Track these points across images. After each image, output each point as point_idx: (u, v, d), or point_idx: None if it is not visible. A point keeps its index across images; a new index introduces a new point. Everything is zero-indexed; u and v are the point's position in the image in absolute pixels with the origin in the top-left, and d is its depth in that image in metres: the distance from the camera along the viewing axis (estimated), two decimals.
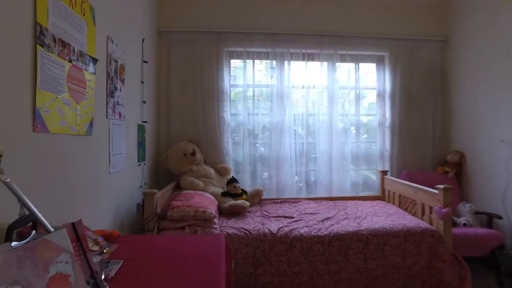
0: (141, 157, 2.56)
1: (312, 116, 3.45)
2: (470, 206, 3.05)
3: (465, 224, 2.84)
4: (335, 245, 2.24)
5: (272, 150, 3.33)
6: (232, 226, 2.38)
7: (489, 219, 2.94)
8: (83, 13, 1.57)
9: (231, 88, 3.37)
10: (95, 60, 1.70)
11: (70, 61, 1.45)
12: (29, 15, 1.19)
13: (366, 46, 3.44)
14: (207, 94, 3.19)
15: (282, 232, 2.26)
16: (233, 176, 3.06)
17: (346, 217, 2.62)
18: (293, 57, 3.35)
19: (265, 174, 3.41)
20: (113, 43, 1.96)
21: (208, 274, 1.11)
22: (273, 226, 2.37)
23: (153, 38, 2.99)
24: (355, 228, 2.34)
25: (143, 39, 2.63)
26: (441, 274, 2.24)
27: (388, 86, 3.52)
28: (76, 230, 0.80)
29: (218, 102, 3.22)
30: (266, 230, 2.28)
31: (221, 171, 3.16)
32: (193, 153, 2.97)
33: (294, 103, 3.39)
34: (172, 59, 3.19)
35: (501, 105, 2.98)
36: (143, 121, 2.61)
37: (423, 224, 2.42)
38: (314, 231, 2.30)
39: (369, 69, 3.60)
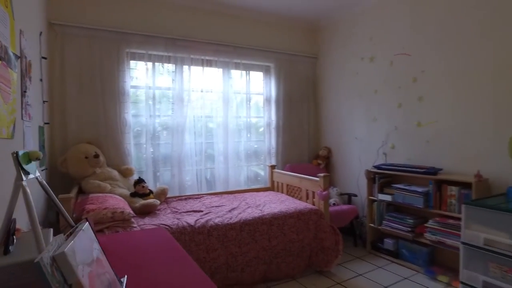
0: (42, 162, 2.37)
1: (210, 118, 3.75)
2: (337, 189, 3.89)
3: (334, 204, 3.63)
4: (245, 229, 2.61)
5: (173, 150, 3.48)
6: (150, 223, 2.48)
7: (349, 198, 3.83)
8: (6, 5, 1.48)
9: (133, 90, 3.36)
10: (17, 57, 1.59)
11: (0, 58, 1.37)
12: None
13: (256, 57, 3.94)
14: (108, 95, 3.12)
15: (199, 224, 2.50)
16: (140, 177, 3.10)
17: (249, 206, 3.03)
18: (193, 62, 3.57)
19: (167, 173, 3.53)
20: (24, 37, 1.83)
21: (175, 257, 1.30)
22: (189, 219, 2.58)
23: (44, 31, 2.75)
24: (260, 214, 2.77)
25: (41, 33, 2.43)
26: (324, 242, 2.89)
27: (273, 92, 4.11)
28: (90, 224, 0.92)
29: (119, 104, 3.18)
30: (185, 224, 2.48)
31: (125, 173, 3.14)
32: (96, 156, 2.88)
33: (194, 106, 3.61)
34: (67, 55, 2.97)
35: (355, 110, 3.91)
36: (45, 123, 2.42)
37: (309, 206, 3.03)
38: (227, 220, 2.62)
39: (258, 77, 4.12)
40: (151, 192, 3.08)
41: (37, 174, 0.86)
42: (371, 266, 3.11)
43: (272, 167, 3.97)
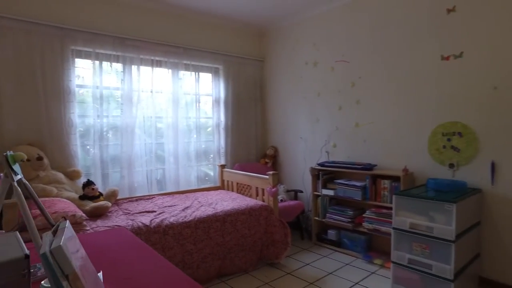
0: None
1: (160, 119, 3.74)
2: (284, 186, 4.12)
3: (281, 200, 3.85)
4: (200, 227, 2.69)
5: (123, 151, 3.42)
6: (103, 225, 2.45)
7: (295, 194, 4.09)
8: None
9: (79, 89, 3.23)
10: None
11: None
12: None
13: (206, 59, 4.01)
14: (52, 94, 2.97)
15: (154, 223, 2.53)
16: (88, 179, 3.00)
17: (202, 205, 3.11)
18: (143, 62, 3.53)
19: (116, 175, 3.45)
20: None
21: (145, 253, 1.36)
22: (144, 220, 2.59)
23: None
24: (213, 212, 2.86)
25: None
26: (274, 236, 3.07)
27: (222, 94, 4.22)
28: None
29: (64, 103, 3.04)
30: (140, 224, 2.48)
31: (72, 175, 3.02)
32: (40, 158, 2.75)
33: (144, 106, 3.58)
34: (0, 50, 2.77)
35: (300, 111, 4.18)
36: None
37: (260, 202, 3.20)
38: (181, 218, 2.68)
39: (207, 78, 4.19)
40: (100, 194, 3.01)
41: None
42: (316, 256, 3.37)
43: (222, 166, 4.08)
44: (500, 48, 2.56)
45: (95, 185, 2.97)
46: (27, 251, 0.87)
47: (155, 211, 2.88)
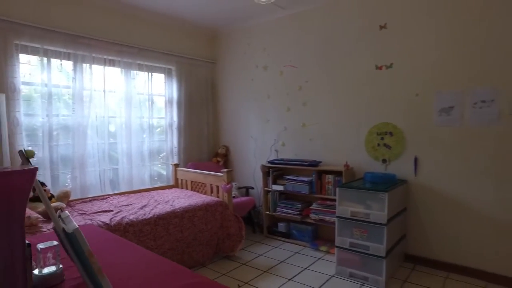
0: None
1: (113, 118, 3.71)
2: (235, 184, 4.32)
3: (234, 197, 4.04)
4: (160, 223, 2.78)
5: (75, 151, 3.34)
6: None
7: (247, 190, 4.31)
8: None
9: (26, 87, 3.09)
10: None
11: None
12: None
13: (159, 59, 4.05)
14: None
15: (115, 222, 2.56)
16: (39, 180, 2.90)
17: (159, 203, 3.18)
18: (95, 61, 3.48)
19: (67, 175, 3.36)
20: None
21: (122, 244, 1.46)
22: (103, 218, 2.60)
23: None
24: (171, 209, 2.96)
25: None
26: (229, 229, 3.26)
27: (175, 94, 4.29)
28: None
29: (8, 101, 2.91)
30: (100, 222, 2.50)
31: None
32: None
33: (96, 106, 3.52)
34: None
35: (251, 112, 4.41)
36: None
37: (215, 199, 3.36)
38: (141, 216, 2.74)
39: (160, 79, 4.23)
40: (52, 196, 2.93)
41: None
42: (268, 247, 3.62)
43: (176, 165, 4.15)
44: (420, 61, 3.04)
45: (46, 186, 2.88)
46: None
47: (112, 210, 2.89)
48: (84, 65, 3.38)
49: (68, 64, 3.32)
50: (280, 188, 3.81)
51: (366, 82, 3.38)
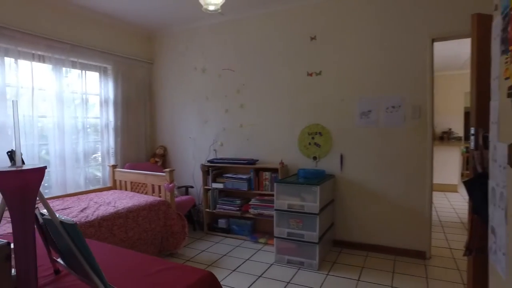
0: None
1: (44, 118, 3.49)
2: (175, 184, 4.37)
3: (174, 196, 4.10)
4: (104, 225, 2.75)
5: None
6: None
7: (186, 190, 4.39)
8: None
9: None
10: None
11: None
12: None
13: (94, 57, 3.91)
14: None
15: None
16: None
17: (100, 205, 3.12)
18: (21, 55, 3.25)
19: None
20: None
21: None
22: None
23: None
24: (115, 210, 2.94)
25: None
26: (172, 227, 3.33)
27: (111, 93, 4.18)
28: None
29: None
30: None
31: None
32: None
33: (24, 104, 3.29)
34: None
35: (189, 113, 4.50)
36: None
37: (158, 198, 3.40)
38: (83, 218, 2.68)
39: (95, 77, 4.08)
40: None
41: None
42: (210, 243, 3.78)
43: (114, 166, 4.05)
44: (345, 70, 3.49)
45: None
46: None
47: None
48: (7, 59, 3.14)
49: None
50: (220, 186, 3.98)
51: (299, 87, 3.74)
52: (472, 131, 2.32)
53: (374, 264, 3.13)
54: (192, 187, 4.42)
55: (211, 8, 2.39)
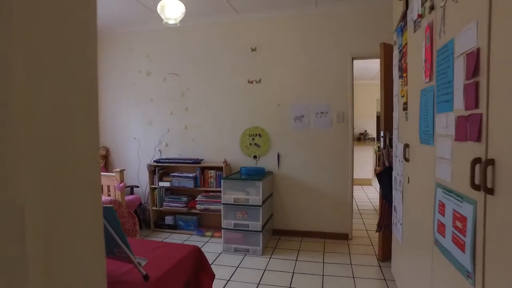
0: None
1: None
2: (125, 183, 4.44)
3: None
4: None
5: None
6: None
7: (131, 189, 4.49)
8: None
9: None
10: None
11: None
12: None
13: None
14: None
15: None
16: None
17: None
18: None
19: None
20: None
21: None
22: None
23: None
24: None
25: None
26: (124, 225, 3.47)
27: None
28: None
29: None
30: None
31: None
32: None
33: None
34: None
35: (133, 114, 4.60)
36: None
37: (109, 198, 3.50)
38: None
39: None
40: None
41: None
42: (158, 239, 3.96)
43: None
44: (281, 79, 3.99)
45: None
46: None
47: None
48: None
49: None
50: (166, 184, 4.19)
51: (241, 93, 4.14)
52: (382, 134, 2.97)
53: (308, 246, 3.67)
54: (137, 186, 4.53)
55: (171, 22, 2.64)
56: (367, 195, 6.41)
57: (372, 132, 8.29)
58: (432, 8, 1.59)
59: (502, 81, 0.96)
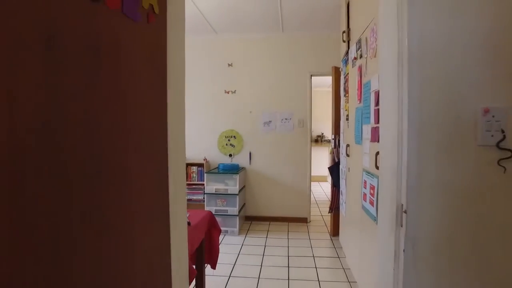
0: None
1: None
2: None
3: None
4: None
5: None
6: None
7: None
8: None
9: None
10: None
11: None
12: None
13: None
14: None
15: None
16: None
17: None
18: None
19: None
20: None
21: None
22: None
23: None
24: None
25: None
26: None
27: None
28: None
29: None
30: None
31: None
32: None
33: None
34: None
35: None
36: None
37: None
38: None
39: None
40: None
41: None
42: None
43: None
44: (253, 90, 4.78)
45: None
46: None
47: None
48: None
49: None
50: None
51: (219, 101, 4.87)
52: (333, 136, 3.86)
53: (275, 228, 4.49)
54: None
55: None
56: (323, 189, 7.40)
57: (328, 135, 9.34)
58: (361, 56, 2.46)
59: (384, 108, 1.81)
